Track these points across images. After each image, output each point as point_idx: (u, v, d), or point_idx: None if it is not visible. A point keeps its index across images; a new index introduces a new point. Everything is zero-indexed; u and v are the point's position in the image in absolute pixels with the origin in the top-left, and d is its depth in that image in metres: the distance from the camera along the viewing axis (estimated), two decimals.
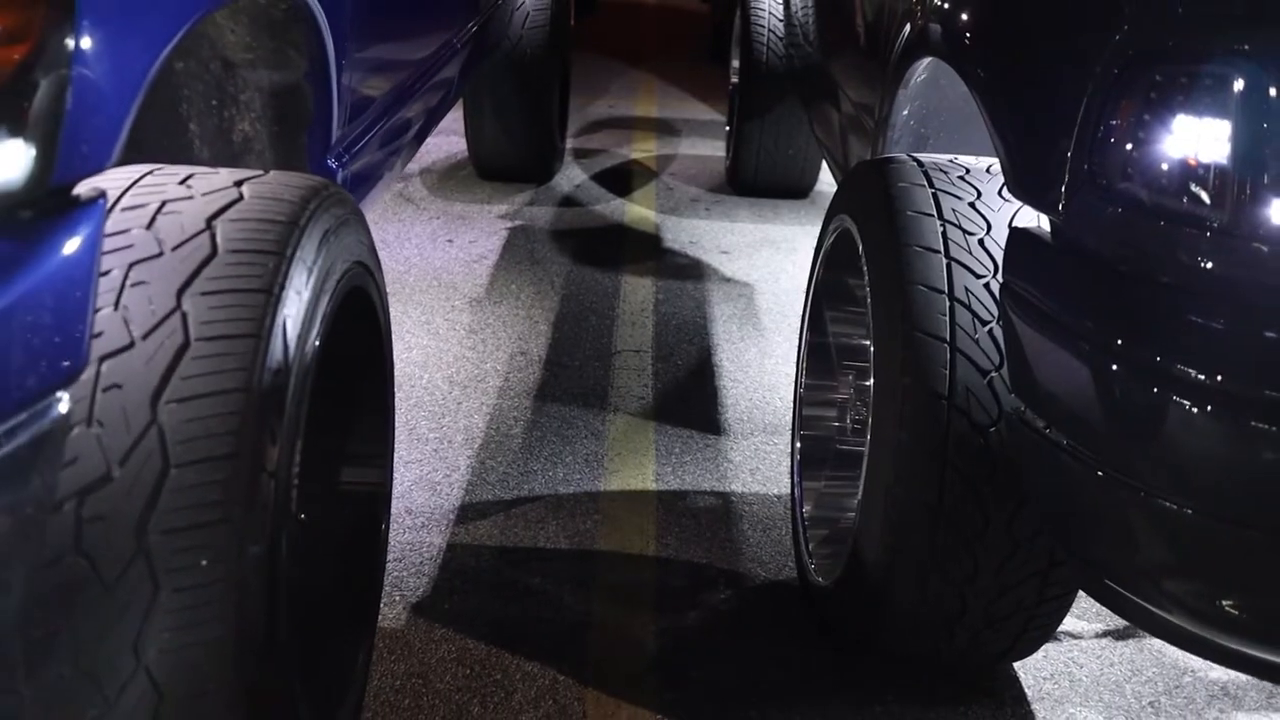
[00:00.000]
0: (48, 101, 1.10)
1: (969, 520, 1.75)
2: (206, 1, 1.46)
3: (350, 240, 1.62)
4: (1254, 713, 2.04)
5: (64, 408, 1.20)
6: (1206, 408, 1.41)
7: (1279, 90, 1.36)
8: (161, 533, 1.29)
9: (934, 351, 1.75)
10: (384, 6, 2.35)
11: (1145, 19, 1.48)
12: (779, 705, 1.99)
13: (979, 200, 1.86)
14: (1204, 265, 1.43)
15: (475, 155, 4.83)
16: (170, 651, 1.31)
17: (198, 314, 1.35)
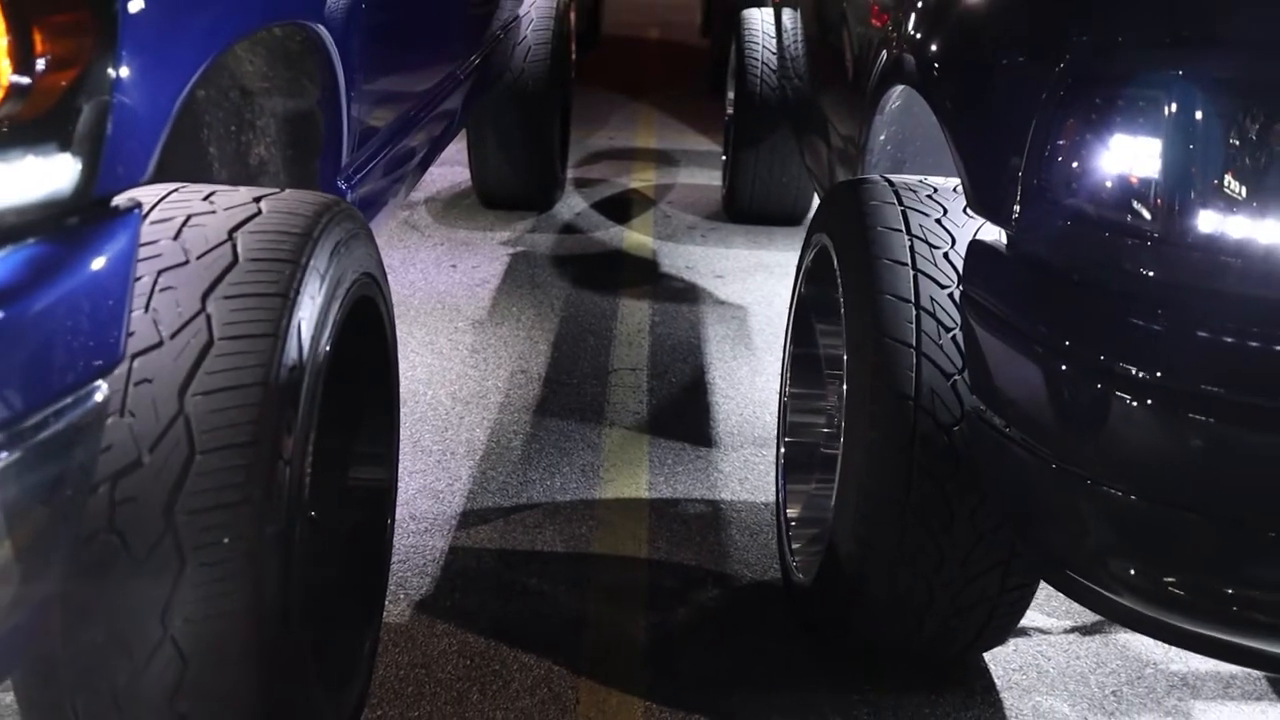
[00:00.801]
0: (91, 122, 1.24)
1: (935, 513, 1.87)
2: (230, 34, 1.60)
3: (360, 253, 1.76)
4: (1210, 701, 2.15)
5: (100, 396, 1.33)
6: (1147, 402, 1.54)
7: (1204, 111, 1.49)
8: (187, 513, 1.42)
9: (902, 356, 1.88)
10: (392, 40, 2.50)
11: (1084, 49, 1.62)
12: (761, 694, 2.11)
13: (945, 217, 2.00)
14: (1142, 272, 1.56)
15: (478, 184, 4.98)
16: (195, 622, 1.44)
17: (220, 316, 1.48)
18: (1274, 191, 1.48)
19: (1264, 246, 1.49)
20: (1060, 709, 2.11)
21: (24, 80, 1.17)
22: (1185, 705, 2.14)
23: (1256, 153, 1.49)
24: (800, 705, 2.08)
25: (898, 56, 2.30)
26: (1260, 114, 1.48)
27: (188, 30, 1.45)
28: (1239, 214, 1.50)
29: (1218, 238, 1.50)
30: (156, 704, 1.48)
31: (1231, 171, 1.50)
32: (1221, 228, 1.50)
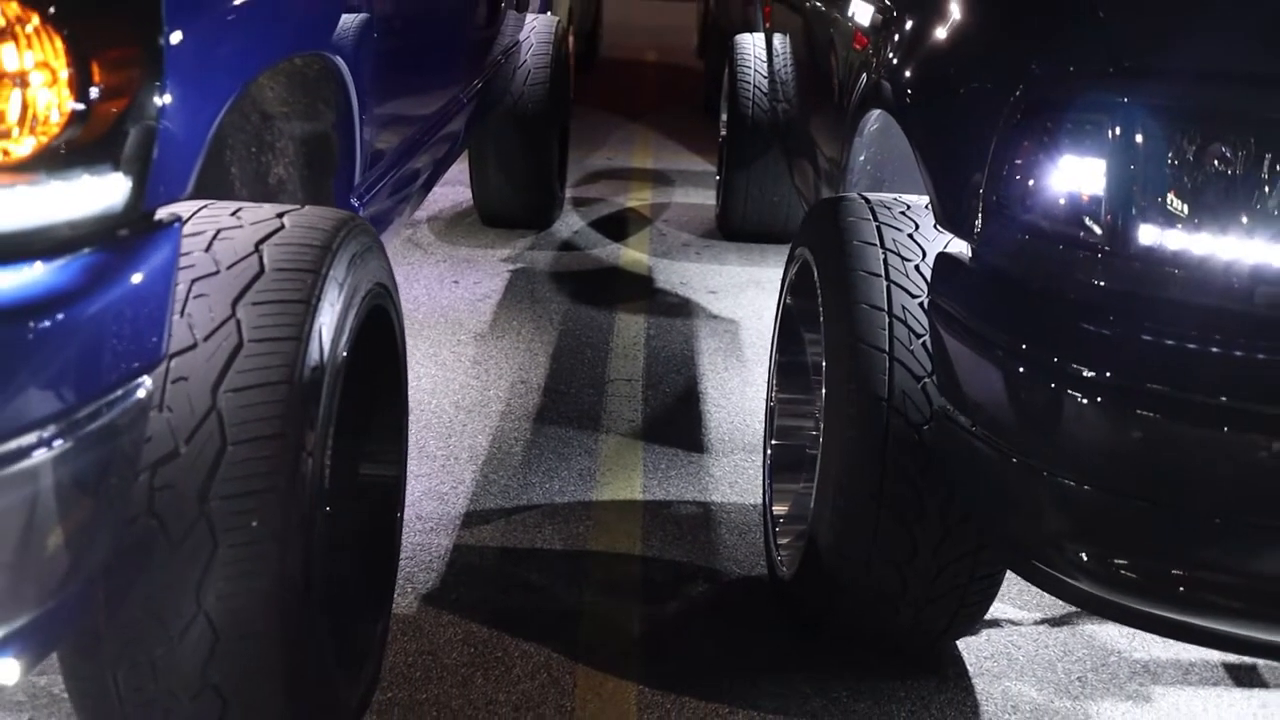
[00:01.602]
0: (140, 145, 1.39)
1: (907, 506, 2.02)
2: (259, 65, 1.75)
3: (374, 265, 1.91)
4: (1169, 686, 2.29)
5: (144, 392, 1.47)
6: (1097, 400, 1.68)
7: (1143, 135, 1.65)
8: (219, 499, 1.56)
9: (876, 360, 2.03)
10: (401, 67, 2.65)
11: (1036, 78, 1.77)
12: (747, 678, 2.25)
13: (916, 232, 2.15)
14: (1091, 281, 1.70)
15: (479, 203, 5.13)
16: (225, 598, 1.58)
17: (249, 320, 1.63)
18: (1207, 207, 1.63)
19: (1198, 257, 1.64)
20: (1028, 693, 2.25)
21: (82, 108, 1.32)
22: (1146, 690, 2.28)
23: (1191, 172, 1.64)
24: (783, 689, 2.22)
25: (875, 83, 2.45)
26: (1193, 137, 1.64)
27: (222, 61, 1.60)
28: (1176, 228, 1.65)
29: (1157, 249, 1.65)
30: (190, 674, 1.62)
31: (1168, 189, 1.65)
32: (1160, 240, 1.65)
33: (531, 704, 2.15)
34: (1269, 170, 1.61)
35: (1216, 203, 1.63)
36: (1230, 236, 1.63)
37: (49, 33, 1.29)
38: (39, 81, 1.29)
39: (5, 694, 2.09)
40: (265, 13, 1.76)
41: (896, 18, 2.45)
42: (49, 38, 1.29)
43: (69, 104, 1.32)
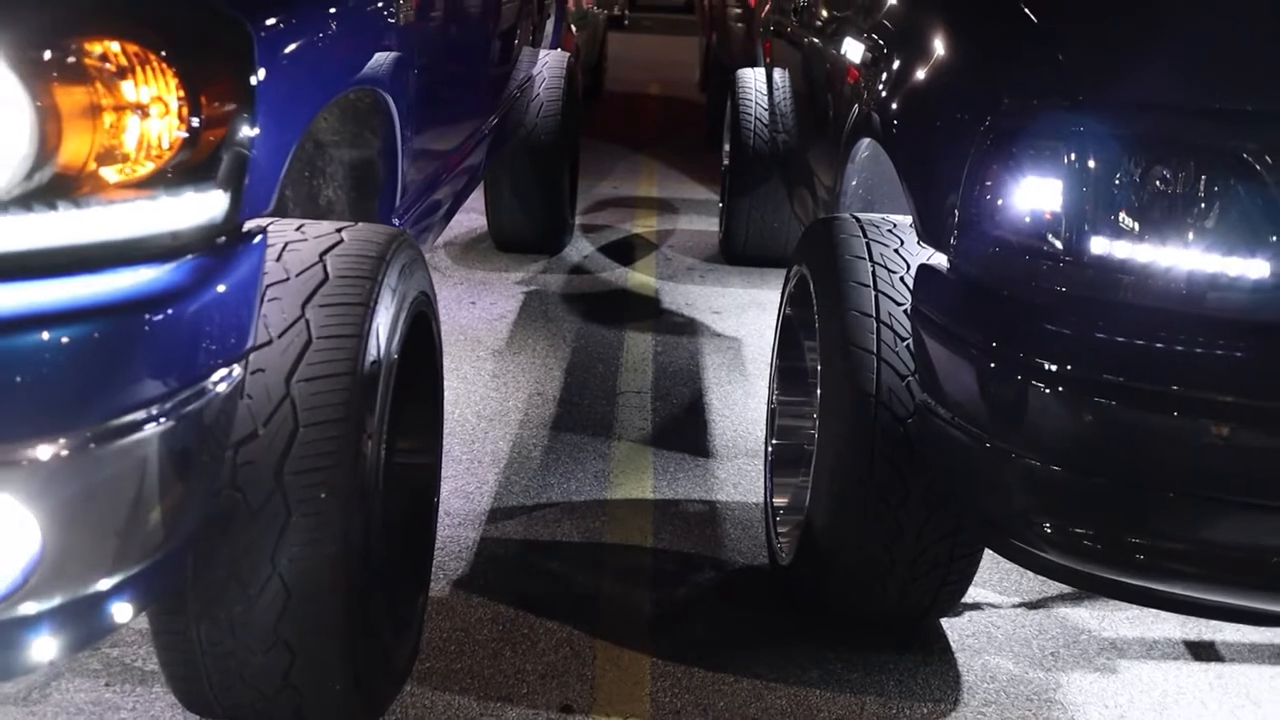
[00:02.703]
0: (235, 167, 1.63)
1: (893, 492, 2.25)
2: (326, 98, 2.00)
3: (419, 275, 2.15)
4: (1134, 660, 2.52)
5: (232, 380, 1.71)
6: (1059, 389, 1.91)
7: (1095, 159, 1.89)
8: (293, 474, 1.80)
9: (865, 361, 2.26)
10: (437, 102, 2.91)
11: (1004, 109, 2.02)
12: (749, 653, 2.47)
13: (901, 247, 2.39)
14: (1052, 286, 1.94)
15: (494, 229, 5.39)
16: (297, 561, 1.81)
17: (316, 320, 1.87)
18: (1150, 222, 1.87)
19: (1144, 265, 1.87)
20: (1005, 666, 2.48)
21: (190, 135, 1.57)
22: (1112, 663, 2.50)
23: (1136, 191, 1.88)
24: (781, 661, 2.45)
25: (865, 114, 2.70)
26: (1138, 161, 1.88)
27: (299, 96, 1.85)
28: (1124, 240, 1.89)
29: (1108, 258, 1.89)
30: (264, 629, 1.85)
31: (1116, 206, 1.89)
32: (1110, 250, 1.89)
33: (556, 673, 2.38)
34: (1203, 189, 1.86)
35: (1158, 218, 1.87)
36: (1170, 247, 1.86)
37: (164, 71, 1.54)
38: (155, 112, 1.54)
39: (82, 664, 2.32)
40: (332, 54, 2.01)
41: (884, 56, 2.71)
42: (164, 75, 1.54)
43: (179, 132, 1.56)
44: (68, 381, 1.44)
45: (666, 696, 2.33)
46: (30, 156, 1.44)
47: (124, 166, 1.52)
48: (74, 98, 1.47)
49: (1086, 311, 1.90)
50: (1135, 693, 2.41)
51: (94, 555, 1.51)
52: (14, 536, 1.43)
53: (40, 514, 1.43)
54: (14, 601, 1.46)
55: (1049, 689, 2.41)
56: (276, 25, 1.79)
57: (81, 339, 1.45)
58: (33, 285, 1.46)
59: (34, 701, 2.21)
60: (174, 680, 1.96)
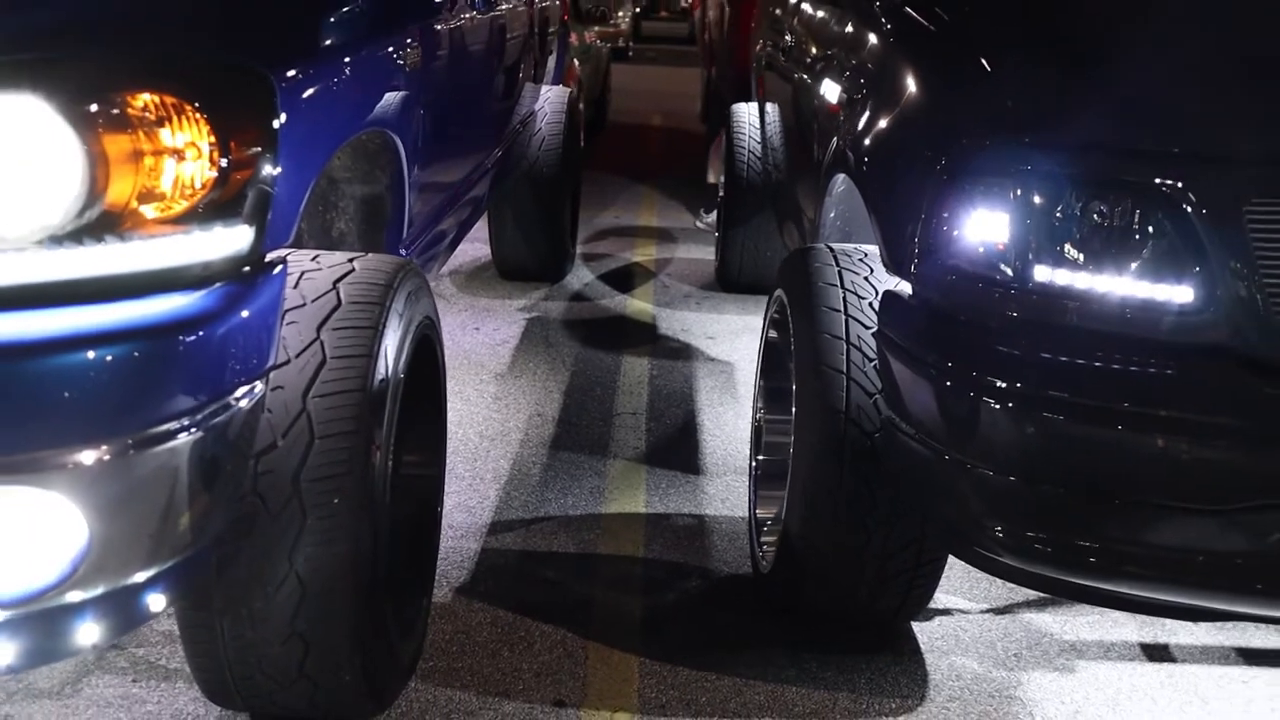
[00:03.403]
0: (260, 204, 1.83)
1: (861, 501, 2.43)
2: (340, 140, 2.20)
3: (425, 302, 2.35)
4: (1091, 660, 2.69)
5: (256, 396, 1.90)
6: (1009, 405, 2.09)
7: (1038, 195, 2.07)
8: (308, 481, 1.98)
9: (835, 380, 2.45)
10: (442, 140, 3.11)
11: (958, 150, 2.21)
12: (732, 654, 2.65)
13: (870, 275, 2.58)
14: (1002, 311, 2.12)
15: (497, 258, 5.59)
16: (312, 561, 1.99)
17: (330, 342, 2.06)
18: (1089, 252, 2.06)
19: (1083, 291, 2.06)
20: (970, 666, 2.65)
21: (219, 176, 1.76)
22: (1071, 664, 2.67)
23: (1075, 224, 2.07)
24: (761, 661, 2.62)
25: (841, 150, 2.89)
26: (1077, 196, 2.06)
27: (316, 140, 2.05)
28: (1065, 268, 2.07)
29: (1051, 285, 2.07)
30: (281, 623, 2.03)
31: (1058, 238, 2.07)
32: (1053, 278, 2.07)
33: (550, 671, 2.55)
34: (1136, 223, 2.04)
35: (1096, 248, 2.06)
36: (1107, 275, 2.05)
37: (197, 119, 1.74)
38: (190, 156, 1.74)
39: (110, 662, 2.50)
40: (345, 101, 2.21)
41: (857, 97, 2.90)
42: (197, 123, 1.74)
43: (210, 173, 1.76)
44: (111, 394, 1.63)
45: (653, 692, 2.50)
46: (81, 196, 1.64)
47: (162, 204, 1.72)
48: (119, 144, 1.67)
49: (1033, 334, 2.09)
50: (1090, 690, 2.58)
51: (133, 550, 1.70)
52: (64, 531, 1.61)
53: (87, 511, 1.61)
54: (63, 590, 1.64)
55: (1010, 687, 2.58)
56: (296, 76, 1.99)
57: (124, 357, 1.64)
58: (82, 309, 1.65)
59: (66, 695, 2.39)
60: (199, 672, 2.14)
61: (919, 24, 2.80)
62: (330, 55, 2.23)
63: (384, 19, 2.62)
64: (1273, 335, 1.96)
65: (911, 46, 2.74)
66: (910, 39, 2.78)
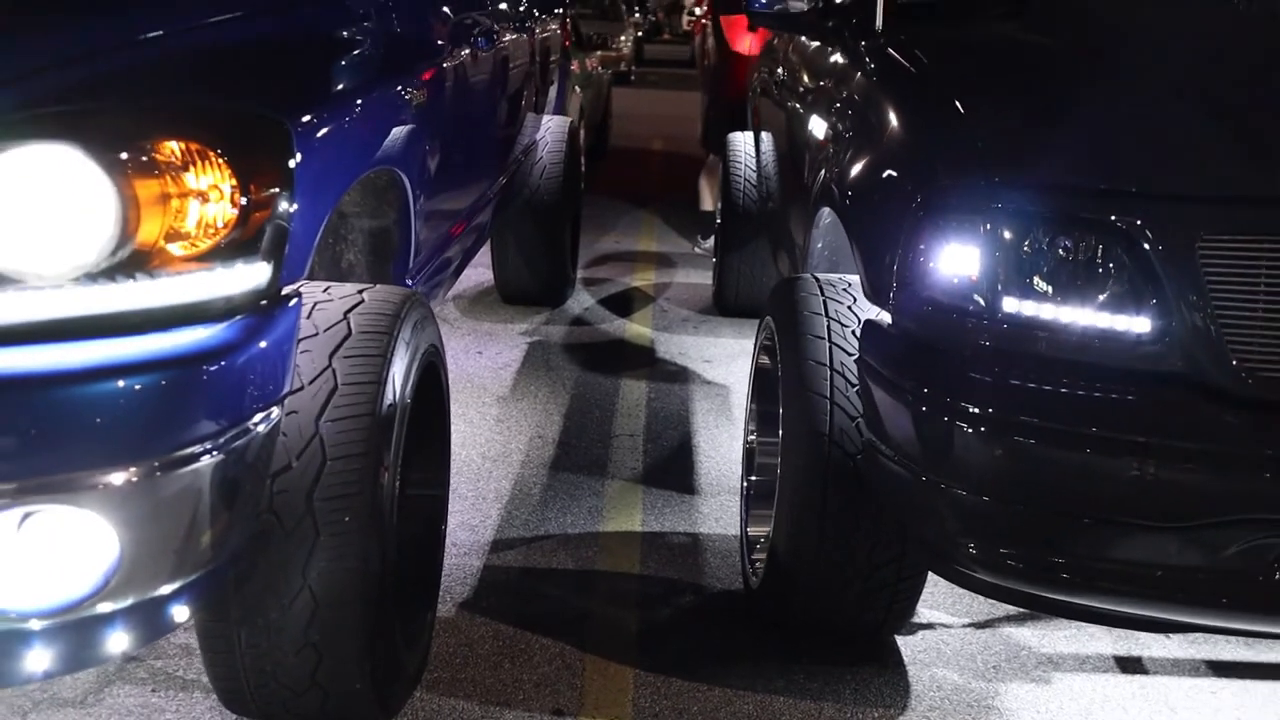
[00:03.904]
0: (277, 241, 1.96)
1: (844, 520, 2.55)
2: (351, 179, 2.34)
3: (430, 331, 2.48)
4: (1067, 673, 2.81)
5: (272, 421, 2.03)
6: (981, 429, 2.21)
7: (1008, 231, 2.21)
8: (321, 500, 2.11)
9: (820, 404, 2.58)
10: (446, 175, 3.25)
11: (934, 189, 2.34)
12: (723, 666, 2.77)
13: (854, 304, 2.71)
14: (974, 339, 2.25)
15: (499, 283, 5.73)
16: (324, 575, 2.12)
17: (341, 369, 2.19)
18: (1055, 285, 2.19)
19: (1049, 321, 2.19)
20: (951, 677, 2.77)
21: (240, 215, 1.90)
22: (1047, 675, 2.79)
23: (1042, 258, 2.20)
24: (751, 672, 2.74)
25: (827, 184, 3.03)
26: (1043, 233, 2.19)
27: (329, 179, 2.19)
28: (1032, 300, 2.20)
29: (1019, 316, 2.20)
30: (295, 634, 2.15)
31: (1026, 271, 2.20)
32: (1020, 309, 2.20)
33: (549, 682, 2.68)
34: (1099, 257, 2.17)
35: (1061, 282, 2.19)
36: (1071, 306, 2.18)
37: (220, 164, 1.87)
38: (213, 198, 1.87)
39: (130, 673, 2.62)
40: (355, 143, 2.35)
41: (842, 134, 3.05)
42: (219, 168, 1.87)
43: (231, 213, 1.89)
44: (141, 420, 1.77)
45: (647, 702, 2.63)
46: (115, 237, 1.77)
47: (188, 243, 1.85)
48: (148, 188, 1.80)
49: (1004, 362, 2.21)
50: (1065, 700, 2.70)
51: (159, 564, 1.82)
52: (97, 546, 1.74)
53: (119, 528, 1.74)
54: (95, 601, 1.77)
55: (989, 697, 2.70)
56: (310, 122, 2.13)
57: (152, 386, 1.77)
58: (114, 341, 1.78)
59: (89, 705, 2.52)
60: (217, 681, 2.27)
61: (901, 66, 2.95)
62: (341, 100, 2.37)
63: (392, 61, 2.77)
64: (1224, 363, 2.08)
65: (893, 88, 2.89)
66: (892, 80, 2.93)
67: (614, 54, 15.82)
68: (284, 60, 2.31)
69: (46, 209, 1.74)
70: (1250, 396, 2.09)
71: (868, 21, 3.24)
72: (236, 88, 2.10)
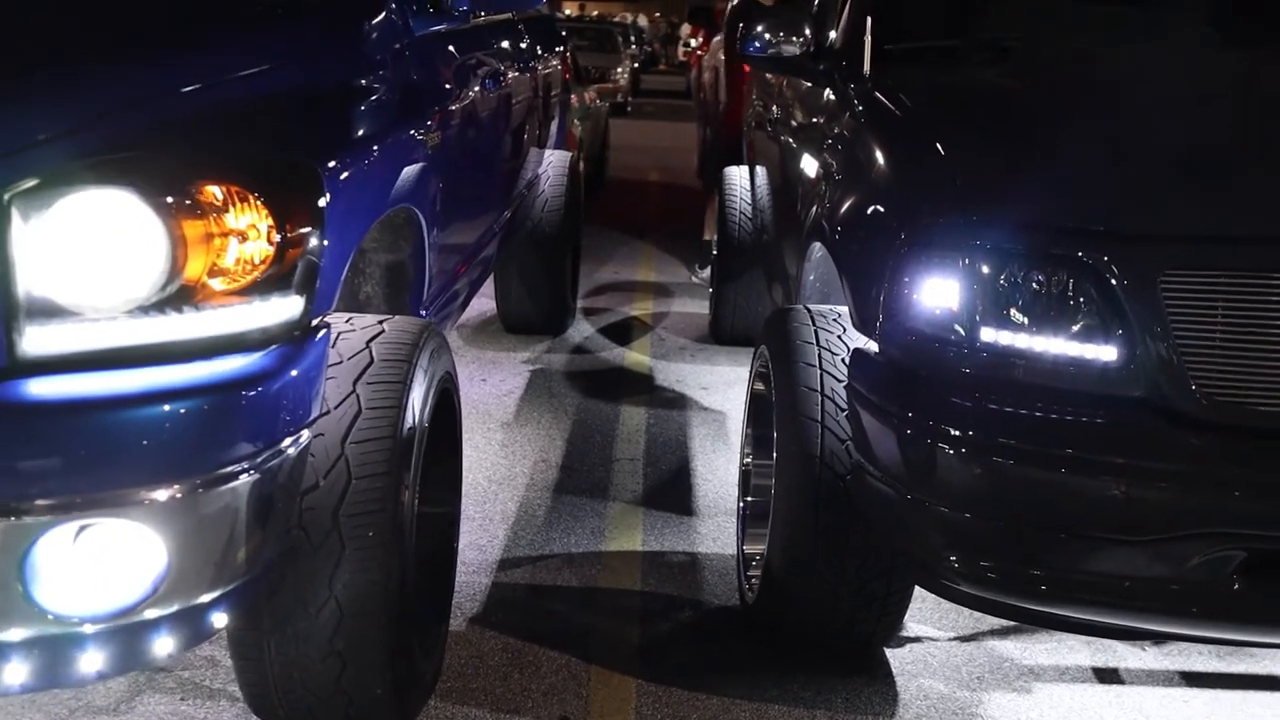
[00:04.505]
0: (308, 276, 2.13)
1: (836, 536, 2.71)
2: (374, 219, 2.51)
3: (445, 359, 2.64)
4: (1047, 682, 2.96)
5: (303, 443, 2.19)
6: (962, 450, 2.37)
7: (985, 266, 2.37)
8: (346, 516, 2.26)
9: (811, 429, 2.74)
10: (458, 212, 3.42)
11: (918, 226, 2.51)
12: (721, 676, 2.92)
13: (844, 334, 2.88)
14: (955, 366, 2.42)
15: (502, 313, 5.90)
16: (349, 587, 2.27)
17: (365, 395, 2.35)
18: (1029, 316, 2.35)
19: (1023, 349, 2.35)
20: (937, 687, 2.92)
21: (276, 253, 2.06)
22: (1029, 685, 2.95)
23: (1017, 291, 2.37)
24: (747, 682, 2.90)
25: (818, 221, 3.20)
26: (1018, 267, 2.36)
27: (354, 217, 2.35)
28: (1008, 330, 2.37)
29: (996, 345, 2.37)
30: (321, 642, 2.30)
31: (1002, 303, 2.37)
32: (997, 339, 2.37)
33: (556, 691, 2.83)
34: (1070, 291, 2.34)
35: (1035, 313, 2.35)
36: (1044, 336, 2.34)
37: (258, 206, 2.04)
38: (252, 237, 2.04)
39: (160, 683, 2.77)
40: (378, 184, 2.52)
41: (833, 173, 3.22)
42: (257, 209, 2.04)
43: (268, 250, 2.06)
44: (186, 440, 1.92)
45: (649, 710, 2.78)
46: (164, 273, 1.94)
47: (228, 278, 2.01)
48: (194, 228, 1.96)
49: (983, 388, 2.37)
50: (1045, 708, 2.85)
51: (201, 574, 1.98)
52: (147, 556, 1.90)
53: (167, 540, 1.90)
54: (144, 607, 1.92)
55: (972, 705, 2.85)
56: (337, 166, 2.30)
57: (196, 409, 1.93)
58: (162, 369, 1.94)
59: (122, 712, 2.66)
60: (247, 687, 2.42)
61: (887, 109, 3.12)
62: (363, 145, 2.54)
63: (407, 106, 2.94)
64: (1185, 390, 2.25)
65: (879, 129, 3.06)
66: (878, 122, 3.10)
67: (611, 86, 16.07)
68: (312, 109, 2.48)
69: (103, 247, 1.90)
70: (1209, 420, 2.25)
71: (856, 66, 3.42)
72: (270, 135, 2.27)
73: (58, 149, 1.92)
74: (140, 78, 2.18)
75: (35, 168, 1.87)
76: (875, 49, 3.40)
